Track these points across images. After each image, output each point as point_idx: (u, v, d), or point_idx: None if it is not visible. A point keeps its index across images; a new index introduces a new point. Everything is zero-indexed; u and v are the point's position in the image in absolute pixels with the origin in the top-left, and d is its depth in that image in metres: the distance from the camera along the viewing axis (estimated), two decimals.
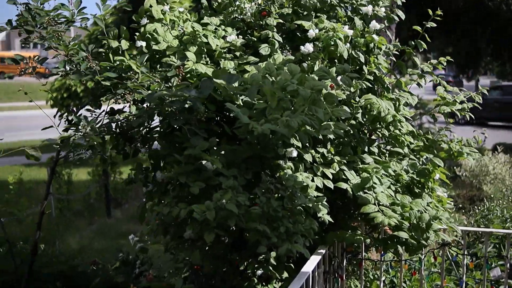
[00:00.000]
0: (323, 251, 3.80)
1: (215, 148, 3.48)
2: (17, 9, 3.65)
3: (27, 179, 13.00)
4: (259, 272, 3.87)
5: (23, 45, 4.01)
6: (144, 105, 3.57)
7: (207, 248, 3.61)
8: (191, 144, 3.32)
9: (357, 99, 4.02)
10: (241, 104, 3.46)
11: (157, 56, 3.93)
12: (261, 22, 4.20)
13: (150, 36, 3.88)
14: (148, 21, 3.97)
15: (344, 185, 3.71)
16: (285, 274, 4.02)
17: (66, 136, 3.33)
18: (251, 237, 3.24)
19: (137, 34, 3.99)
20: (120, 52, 3.79)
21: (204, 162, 3.31)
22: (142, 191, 4.01)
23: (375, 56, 4.25)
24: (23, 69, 3.58)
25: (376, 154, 4.20)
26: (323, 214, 3.52)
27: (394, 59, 4.50)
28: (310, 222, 3.38)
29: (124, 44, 3.80)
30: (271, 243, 3.20)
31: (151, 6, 3.99)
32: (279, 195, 3.32)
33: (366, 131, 4.20)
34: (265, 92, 2.99)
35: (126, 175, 3.98)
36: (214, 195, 3.14)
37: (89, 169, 11.48)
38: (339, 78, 3.66)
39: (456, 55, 14.27)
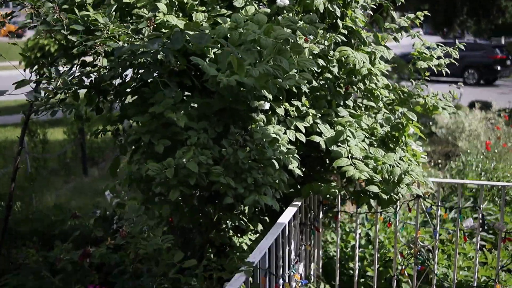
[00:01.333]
0: (299, 203, 3.83)
1: (186, 99, 3.45)
2: None
3: (2, 139, 12.87)
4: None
5: None
6: (116, 57, 3.51)
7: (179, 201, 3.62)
8: (156, 100, 3.28)
9: (332, 52, 4.00)
10: (213, 56, 3.42)
11: (126, 9, 3.84)
12: None
13: None
14: None
15: (317, 138, 3.72)
16: (260, 227, 4.07)
17: (37, 91, 3.26)
18: (216, 188, 3.23)
19: None
20: (85, 5, 3.69)
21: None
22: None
23: (352, 10, 4.21)
24: None
25: (352, 108, 4.20)
26: (293, 167, 3.52)
27: (371, 13, 4.47)
28: (280, 174, 3.37)
29: None
30: (238, 194, 3.19)
31: None
32: (248, 148, 3.31)
33: (342, 85, 4.19)
34: (231, 44, 2.95)
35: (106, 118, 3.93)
36: (177, 152, 3.13)
37: (64, 128, 11.37)
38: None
39: (432, 12, 14.21)
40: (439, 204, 4.27)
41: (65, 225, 5.39)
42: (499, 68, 24.56)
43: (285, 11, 3.89)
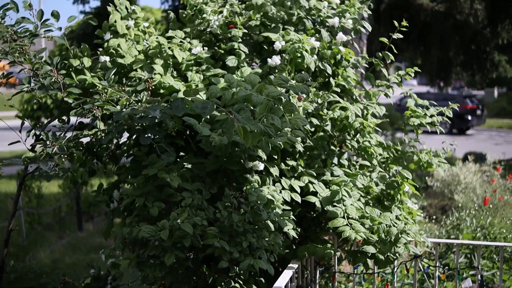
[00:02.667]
0: (295, 266, 3.78)
1: (178, 161, 3.45)
2: None
3: None
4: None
5: None
6: (114, 122, 3.53)
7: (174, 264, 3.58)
8: (150, 162, 3.29)
9: (325, 111, 4.03)
10: (208, 117, 3.45)
11: (122, 71, 3.90)
12: (229, 35, 4.21)
13: (114, 52, 3.85)
14: (111, 36, 3.94)
15: (313, 199, 3.71)
16: None
17: (31, 156, 3.26)
18: (211, 252, 3.21)
19: (100, 49, 3.96)
20: (82, 69, 3.74)
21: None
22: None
23: (343, 68, 4.27)
24: None
25: (346, 166, 4.21)
26: (288, 229, 3.51)
27: (363, 71, 4.53)
28: (275, 237, 3.35)
29: (87, 62, 3.75)
30: (233, 258, 3.17)
31: (115, 21, 3.96)
32: (243, 210, 3.30)
33: (336, 143, 4.21)
34: (224, 103, 2.98)
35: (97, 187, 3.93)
36: (172, 214, 3.12)
37: (59, 182, 11.32)
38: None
39: (426, 66, 14.46)
40: (437, 265, 4.23)
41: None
42: (469, 117, 25.40)
43: (276, 71, 3.95)
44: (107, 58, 3.83)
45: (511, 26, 13.47)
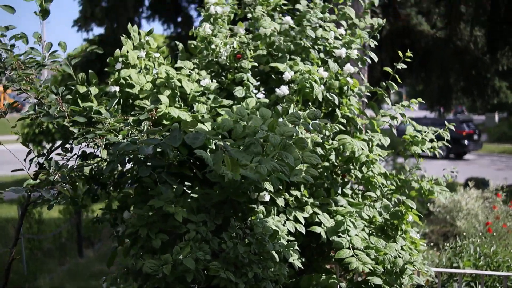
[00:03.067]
0: None
1: (186, 191, 3.45)
2: None
3: None
4: None
5: None
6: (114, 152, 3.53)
7: None
8: (156, 192, 3.29)
9: (330, 141, 4.04)
10: (214, 148, 3.45)
11: (130, 99, 3.91)
12: (236, 65, 4.23)
13: (124, 82, 3.86)
14: (122, 66, 3.95)
15: (318, 229, 3.70)
16: None
17: (32, 184, 3.26)
18: (217, 283, 3.19)
19: (111, 80, 3.97)
20: (89, 96, 3.76)
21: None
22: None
23: (347, 98, 4.28)
24: None
25: (350, 196, 4.21)
26: (293, 260, 3.49)
27: (366, 100, 4.55)
28: (280, 268, 3.34)
29: (94, 90, 3.76)
30: None
31: (127, 51, 3.97)
32: (248, 240, 3.29)
33: (339, 172, 4.21)
34: (235, 136, 2.98)
35: (99, 212, 3.91)
36: (175, 248, 3.12)
37: (60, 207, 11.30)
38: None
39: (427, 92, 14.54)
40: None
41: None
42: (466, 142, 25.58)
43: (284, 100, 3.96)
44: (117, 88, 3.85)
45: (511, 52, 13.56)
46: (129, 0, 13.76)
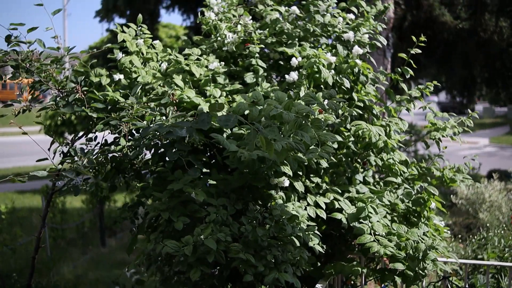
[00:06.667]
0: (322, 286, 3.74)
1: (202, 177, 3.45)
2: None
3: (20, 206, 12.92)
4: None
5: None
6: (141, 137, 3.55)
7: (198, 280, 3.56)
8: (176, 177, 3.30)
9: (348, 126, 4.01)
10: (230, 132, 3.45)
11: (146, 87, 3.93)
12: (245, 52, 4.23)
13: (128, 70, 3.90)
14: (124, 55, 3.99)
15: (339, 215, 3.68)
16: None
17: (54, 169, 3.29)
18: (237, 265, 3.19)
19: (113, 70, 4.01)
20: (103, 86, 3.80)
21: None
22: None
23: (362, 84, 4.25)
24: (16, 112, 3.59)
25: (372, 184, 4.18)
26: (314, 244, 3.48)
27: (382, 87, 4.51)
28: (300, 251, 3.33)
29: (104, 80, 3.79)
30: (258, 273, 3.14)
31: (123, 40, 4.00)
32: (267, 225, 3.28)
33: (359, 160, 4.18)
34: (251, 119, 2.97)
35: (121, 203, 3.94)
36: (195, 229, 3.12)
37: (83, 197, 11.42)
38: (325, 102, 3.64)
39: (450, 84, 14.39)
40: (466, 286, 4.15)
41: None
42: None
43: (294, 86, 3.95)
44: (121, 76, 3.89)
45: None
46: None
